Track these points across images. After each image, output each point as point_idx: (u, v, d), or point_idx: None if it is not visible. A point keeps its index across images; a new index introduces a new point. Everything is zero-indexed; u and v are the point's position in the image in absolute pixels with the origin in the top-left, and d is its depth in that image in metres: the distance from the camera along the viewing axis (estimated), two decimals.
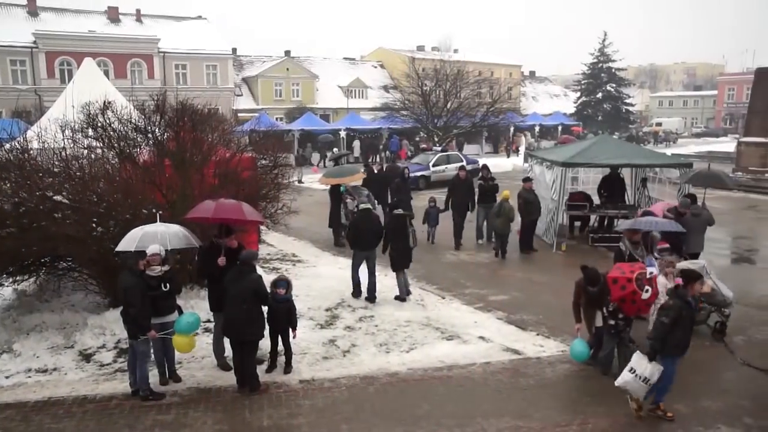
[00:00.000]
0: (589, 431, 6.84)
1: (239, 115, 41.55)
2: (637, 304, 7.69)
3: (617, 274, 7.78)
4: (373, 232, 11.28)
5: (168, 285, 7.55)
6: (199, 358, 8.55)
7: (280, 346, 8.24)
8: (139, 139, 10.72)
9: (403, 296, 11.30)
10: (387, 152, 39.26)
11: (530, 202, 14.67)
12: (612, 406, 7.33)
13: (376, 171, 19.12)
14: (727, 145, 46.50)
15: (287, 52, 59.61)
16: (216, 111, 13.94)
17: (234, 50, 54.82)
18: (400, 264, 11.32)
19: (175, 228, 8.02)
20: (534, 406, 7.36)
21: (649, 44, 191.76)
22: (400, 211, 11.58)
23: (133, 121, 10.70)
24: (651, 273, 7.86)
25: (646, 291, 7.62)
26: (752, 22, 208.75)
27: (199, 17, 54.12)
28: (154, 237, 7.60)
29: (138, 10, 50.46)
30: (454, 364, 8.51)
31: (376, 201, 15.81)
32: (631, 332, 8.14)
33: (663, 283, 8.49)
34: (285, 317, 8.05)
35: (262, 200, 11.91)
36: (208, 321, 9.64)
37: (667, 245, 9.70)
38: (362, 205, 12.25)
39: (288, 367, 8.21)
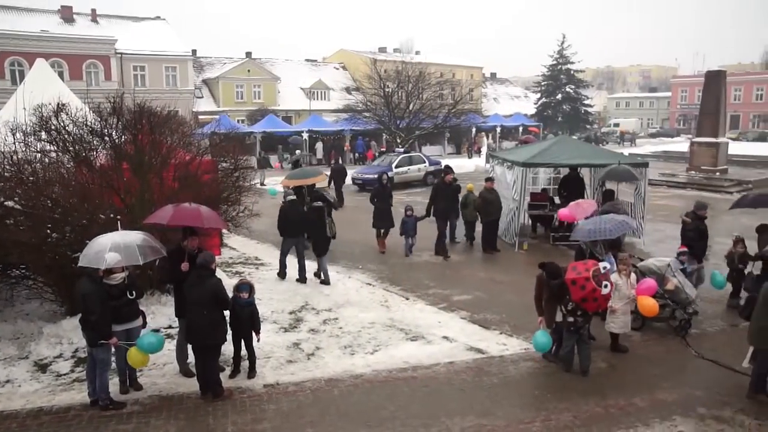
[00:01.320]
0: (552, 427, 6.94)
1: (200, 117, 40.95)
2: (598, 301, 7.89)
3: (574, 276, 7.95)
4: (297, 222, 12.61)
5: (134, 293, 7.40)
6: (160, 365, 8.40)
7: (244, 351, 8.15)
8: (95, 142, 10.46)
9: (327, 280, 12.37)
10: (355, 153, 39.28)
11: (490, 202, 14.84)
12: (574, 402, 7.49)
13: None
14: (681, 145, 47.83)
15: (248, 54, 59.01)
16: (176, 113, 13.74)
17: (194, 52, 53.99)
18: (319, 250, 12.55)
19: (141, 238, 7.77)
20: (498, 404, 7.45)
21: (606, 47, 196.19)
22: (319, 203, 13.19)
23: (89, 123, 10.44)
24: (605, 268, 8.00)
25: (605, 286, 7.81)
26: (703, 26, 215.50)
27: (158, 18, 53.15)
28: (120, 249, 7.29)
29: (93, 10, 49.24)
30: (418, 364, 8.55)
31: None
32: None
33: (615, 280, 8.72)
34: (248, 321, 7.98)
35: (224, 203, 11.78)
36: (170, 327, 9.50)
37: (686, 248, 10.44)
38: (315, 204, 13.31)
39: (252, 372, 8.13)
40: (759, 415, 7.19)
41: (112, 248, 7.09)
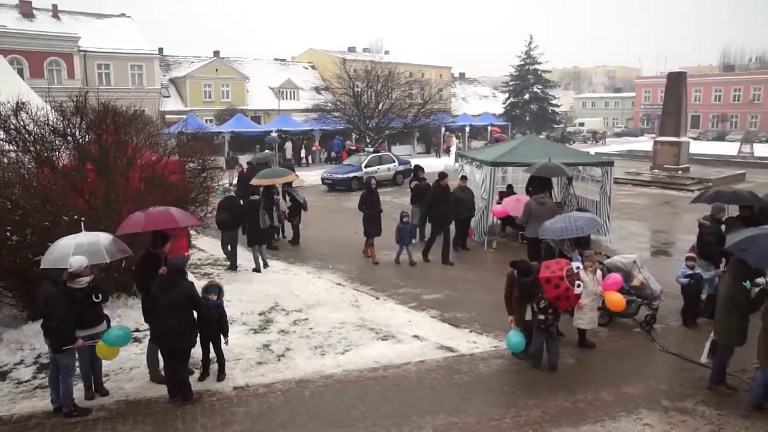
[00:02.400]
0: (521, 423, 7.02)
1: (167, 117, 40.35)
2: (570, 300, 8.04)
3: (548, 274, 8.07)
4: (233, 216, 13.32)
5: (99, 296, 7.21)
6: (127, 369, 8.25)
7: (213, 354, 8.06)
8: (57, 142, 10.24)
9: (258, 269, 13.35)
10: (331, 153, 39.15)
11: (461, 201, 14.92)
12: (543, 398, 7.58)
13: (245, 170, 19.74)
14: (645, 144, 48.84)
15: (216, 53, 58.38)
16: (142, 113, 13.51)
17: (160, 50, 53.18)
18: (252, 241, 13.64)
19: (105, 237, 7.63)
20: (468, 402, 7.50)
21: (573, 48, 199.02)
22: (256, 197, 14.34)
23: (51, 123, 10.21)
24: (578, 268, 8.16)
25: (578, 286, 7.93)
26: (665, 29, 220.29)
27: (123, 15, 52.19)
28: (84, 250, 7.12)
29: (54, 6, 47.97)
30: (389, 363, 8.56)
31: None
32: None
33: (582, 277, 8.86)
34: (217, 324, 7.89)
35: (191, 204, 11.63)
36: (137, 330, 9.33)
37: (693, 254, 10.23)
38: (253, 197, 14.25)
39: (221, 374, 8.03)
40: (719, 405, 7.39)
41: (76, 251, 6.94)
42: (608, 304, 9.34)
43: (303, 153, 39.02)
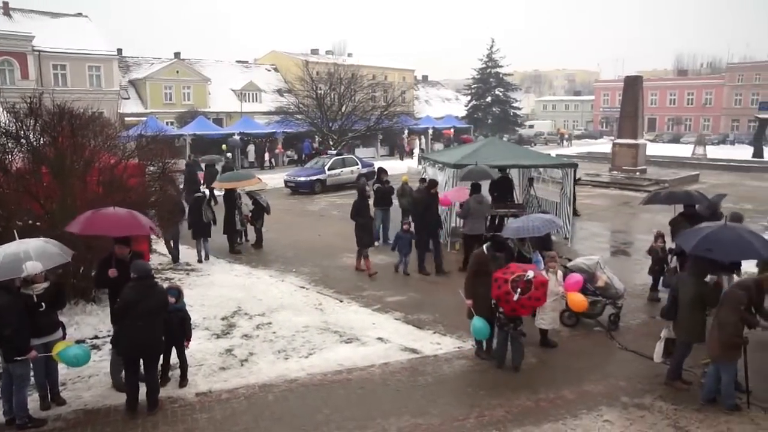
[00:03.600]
0: (485, 423, 7.09)
1: (126, 119, 39.55)
2: (510, 304, 8.05)
3: (499, 275, 8.19)
4: (177, 212, 13.78)
5: (44, 305, 6.92)
6: (86, 377, 8.05)
7: (174, 359, 7.93)
8: (10, 144, 9.95)
9: (201, 260, 14.37)
10: (302, 155, 38.88)
11: (421, 202, 14.97)
12: (506, 397, 7.67)
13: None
14: (604, 146, 49.84)
15: (177, 54, 57.40)
16: (100, 115, 13.22)
17: (119, 51, 52.04)
18: (196, 234, 14.52)
19: (51, 241, 7.42)
20: (433, 403, 7.54)
21: (533, 51, 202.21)
22: (200, 194, 15.51)
23: (3, 124, 9.91)
24: (529, 276, 8.07)
25: (519, 292, 7.95)
26: (622, 33, 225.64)
27: (79, 14, 50.85)
28: (34, 255, 6.89)
29: (6, 3, 46.26)
30: (353, 366, 8.55)
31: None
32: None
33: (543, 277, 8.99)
34: (179, 328, 7.77)
35: (151, 208, 11.42)
36: (96, 338, 9.13)
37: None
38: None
39: (183, 381, 7.91)
40: (676, 400, 7.59)
41: (27, 256, 6.71)
42: (570, 305, 9.49)
43: (267, 156, 38.70)
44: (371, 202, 15.51)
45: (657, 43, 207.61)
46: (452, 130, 49.73)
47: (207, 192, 19.93)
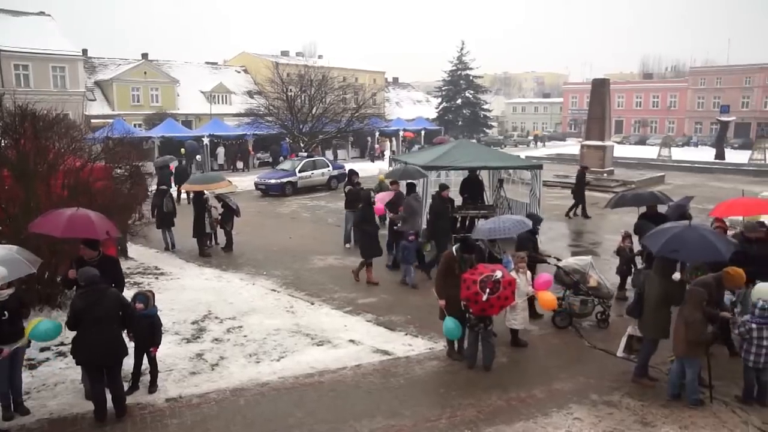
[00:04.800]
0: (457, 423, 7.13)
1: (92, 121, 38.85)
2: (479, 304, 8.13)
3: (467, 276, 8.27)
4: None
5: (6, 313, 6.75)
6: (51, 385, 7.87)
7: (144, 365, 7.81)
8: None
9: (167, 247, 15.76)
10: (281, 157, 38.56)
11: (393, 203, 15.05)
12: (478, 397, 7.74)
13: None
14: (573, 147, 50.61)
15: (145, 55, 56.53)
16: (65, 117, 12.95)
17: (84, 51, 51.01)
18: (160, 224, 15.75)
19: (16, 248, 7.26)
20: (405, 404, 7.56)
21: (503, 54, 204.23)
22: (164, 187, 16.71)
23: None
24: (497, 276, 8.14)
25: (487, 293, 8.04)
26: (590, 37, 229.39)
27: (42, 13, 49.69)
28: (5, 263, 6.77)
29: None
30: (325, 369, 8.53)
31: None
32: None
33: (513, 277, 9.10)
34: (148, 334, 7.64)
35: (119, 212, 11.22)
36: (62, 344, 8.93)
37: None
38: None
39: (153, 386, 7.78)
40: (642, 397, 7.76)
41: None
42: (540, 303, 9.63)
43: (239, 158, 38.28)
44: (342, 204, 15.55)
45: (623, 47, 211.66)
46: (413, 133, 49.75)
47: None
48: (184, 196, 22.47)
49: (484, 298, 8.03)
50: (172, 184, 22.74)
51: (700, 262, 8.95)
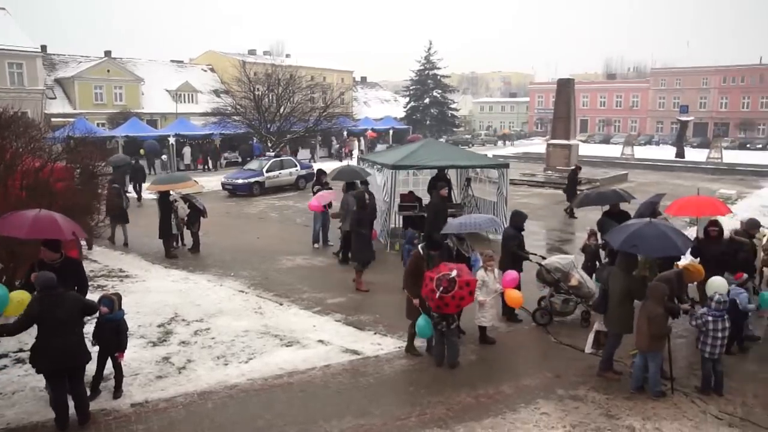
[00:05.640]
0: (426, 421, 7.17)
1: (53, 120, 37.91)
2: (434, 301, 8.18)
3: (428, 273, 8.38)
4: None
5: None
6: (9, 394, 7.64)
7: (108, 370, 7.65)
8: None
9: (126, 243, 16.17)
10: (254, 157, 38.12)
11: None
12: (447, 395, 7.79)
13: None
14: (539, 146, 51.27)
15: (108, 53, 55.39)
16: (23, 115, 12.61)
17: (43, 48, 49.74)
18: (114, 219, 15.69)
19: None
20: (375, 404, 7.57)
21: (470, 54, 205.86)
22: (116, 185, 16.49)
23: None
24: (452, 275, 8.16)
25: (443, 291, 8.08)
26: (554, 37, 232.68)
27: None
28: None
29: None
30: (294, 370, 8.48)
31: None
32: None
33: (482, 276, 9.19)
34: (112, 338, 7.49)
35: (81, 213, 10.97)
36: (20, 350, 8.71)
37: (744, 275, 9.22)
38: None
39: (117, 392, 7.63)
40: (608, 390, 7.92)
41: None
42: (507, 301, 9.73)
43: (209, 157, 37.77)
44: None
45: (587, 48, 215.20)
46: (375, 132, 49.75)
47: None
48: (151, 195, 22.17)
49: (437, 295, 8.08)
50: (127, 183, 23.61)
51: (651, 257, 9.15)
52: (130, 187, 24.08)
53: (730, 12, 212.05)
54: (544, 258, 10.92)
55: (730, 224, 12.05)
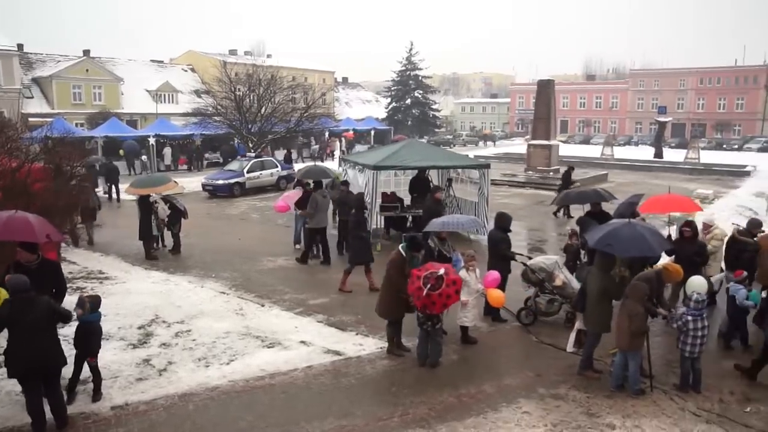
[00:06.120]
0: (409, 421, 7.18)
1: (30, 120, 37.35)
2: (421, 300, 8.20)
3: (414, 271, 8.41)
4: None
5: None
6: None
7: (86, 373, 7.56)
8: None
9: (91, 242, 16.18)
10: (238, 157, 37.90)
11: (343, 204, 15.08)
12: (429, 395, 7.81)
13: None
14: (520, 147, 51.56)
15: (86, 52, 54.71)
16: None
17: (20, 46, 49.05)
18: (84, 218, 15.71)
19: None
20: (357, 404, 7.57)
21: (451, 54, 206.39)
22: (86, 184, 15.38)
23: None
24: (440, 272, 8.20)
25: (430, 288, 8.11)
26: (535, 38, 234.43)
27: None
28: None
29: None
30: (276, 371, 8.45)
31: None
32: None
33: (463, 276, 9.23)
34: (84, 341, 7.39)
35: (59, 215, 10.84)
36: None
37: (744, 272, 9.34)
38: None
39: (97, 395, 7.54)
40: (588, 389, 8.00)
41: None
42: (489, 300, 9.79)
43: (193, 157, 37.47)
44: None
45: (567, 49, 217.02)
46: (353, 133, 49.73)
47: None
48: (131, 197, 22.01)
49: (424, 293, 8.10)
50: (98, 183, 23.87)
51: (624, 257, 9.23)
52: (101, 187, 24.09)
53: (707, 14, 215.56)
54: (530, 258, 10.98)
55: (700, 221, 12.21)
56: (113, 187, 24.36)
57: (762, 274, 9.85)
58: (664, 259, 10.41)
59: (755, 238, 10.46)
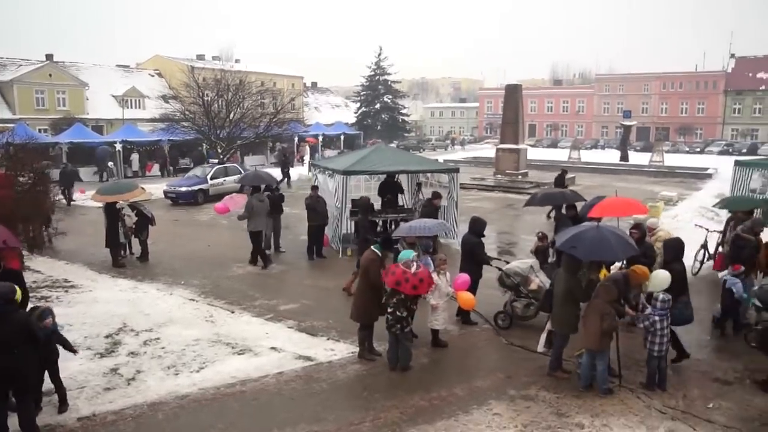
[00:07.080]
0: (380, 425, 7.20)
1: None
2: (410, 281, 8.19)
3: (389, 266, 8.61)
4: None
5: None
6: None
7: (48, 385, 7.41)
8: None
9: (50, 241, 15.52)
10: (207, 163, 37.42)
11: (313, 209, 15.06)
12: (401, 398, 7.84)
13: None
14: (489, 151, 52.06)
15: (49, 56, 53.62)
16: None
17: None
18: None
19: None
20: (328, 410, 7.56)
21: (420, 59, 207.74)
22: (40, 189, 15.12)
23: None
24: (414, 259, 8.49)
25: (417, 267, 8.29)
26: (503, 43, 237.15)
27: None
28: None
29: None
30: (246, 378, 8.40)
31: None
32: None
33: (435, 279, 9.29)
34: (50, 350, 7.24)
35: (21, 222, 10.62)
36: None
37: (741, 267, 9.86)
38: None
39: (63, 405, 7.40)
40: (557, 389, 8.12)
41: None
42: (460, 303, 9.85)
43: (167, 163, 36.93)
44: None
45: (535, 54, 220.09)
46: (316, 138, 49.63)
47: None
48: (99, 205, 21.63)
49: (413, 270, 8.19)
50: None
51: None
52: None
53: (669, 20, 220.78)
54: (507, 263, 11.07)
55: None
56: (66, 191, 24.10)
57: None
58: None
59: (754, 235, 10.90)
